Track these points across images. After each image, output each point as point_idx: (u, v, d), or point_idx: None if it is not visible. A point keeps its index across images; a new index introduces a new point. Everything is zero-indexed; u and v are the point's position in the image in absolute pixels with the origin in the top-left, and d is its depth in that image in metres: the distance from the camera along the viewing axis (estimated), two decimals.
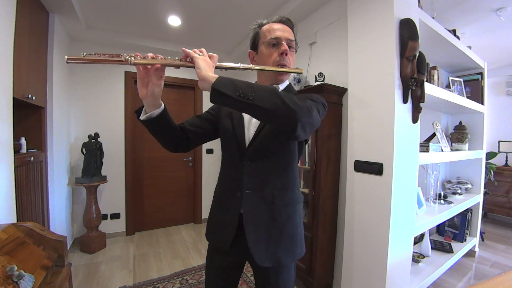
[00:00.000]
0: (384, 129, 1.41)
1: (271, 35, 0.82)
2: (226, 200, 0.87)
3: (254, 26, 0.88)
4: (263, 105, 0.61)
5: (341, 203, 1.81)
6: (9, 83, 1.33)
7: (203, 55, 0.69)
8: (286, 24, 0.85)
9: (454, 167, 2.72)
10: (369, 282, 1.48)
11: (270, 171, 0.83)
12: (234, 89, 0.61)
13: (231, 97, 0.61)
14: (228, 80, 0.63)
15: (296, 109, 0.62)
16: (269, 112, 0.62)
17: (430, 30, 1.68)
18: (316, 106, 0.73)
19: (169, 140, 0.85)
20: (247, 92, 0.61)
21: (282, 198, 0.83)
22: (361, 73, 1.55)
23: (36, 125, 1.89)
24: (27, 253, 1.00)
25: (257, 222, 0.81)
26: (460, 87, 2.30)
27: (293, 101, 0.63)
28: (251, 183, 0.82)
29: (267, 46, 0.83)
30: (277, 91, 0.64)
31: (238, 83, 0.63)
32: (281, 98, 0.62)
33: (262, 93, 0.62)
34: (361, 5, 1.53)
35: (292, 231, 0.84)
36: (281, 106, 0.61)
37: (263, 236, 0.81)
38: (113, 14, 2.32)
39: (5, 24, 1.29)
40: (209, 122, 0.93)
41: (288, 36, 0.83)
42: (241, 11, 2.25)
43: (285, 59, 0.81)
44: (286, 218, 0.84)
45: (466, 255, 2.40)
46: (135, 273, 2.15)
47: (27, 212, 1.60)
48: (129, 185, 3.00)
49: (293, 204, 0.86)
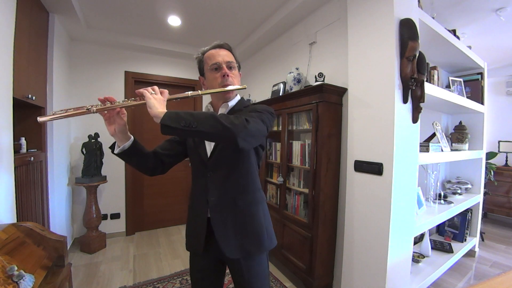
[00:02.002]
0: (384, 129, 1.41)
1: (212, 61, 0.92)
2: (196, 208, 0.97)
3: (197, 55, 0.99)
4: (204, 129, 0.71)
5: (341, 203, 1.81)
6: (9, 83, 1.33)
7: (155, 93, 0.78)
8: (224, 47, 0.95)
9: (454, 167, 2.72)
10: (369, 282, 1.48)
11: (230, 178, 0.92)
12: (179, 121, 0.69)
13: (177, 128, 0.69)
14: (173, 114, 0.71)
15: (231, 127, 0.71)
16: (210, 134, 0.72)
17: (430, 30, 1.68)
18: (260, 117, 0.83)
19: (144, 167, 0.96)
20: (190, 122, 0.70)
21: (244, 200, 0.93)
22: (361, 73, 1.55)
23: (36, 125, 1.89)
24: (27, 253, 1.00)
25: (223, 222, 0.90)
26: (460, 87, 2.30)
27: (229, 121, 0.73)
28: (215, 190, 0.91)
29: (210, 72, 0.93)
30: (215, 115, 0.74)
31: (182, 114, 0.71)
32: (218, 121, 0.72)
33: (202, 120, 0.71)
34: (361, 5, 1.53)
35: (257, 225, 0.93)
36: (219, 127, 0.71)
37: (230, 232, 0.90)
38: (113, 14, 2.32)
39: (5, 24, 1.29)
40: (178, 143, 1.03)
41: (226, 59, 0.92)
42: (241, 11, 2.25)
43: (227, 80, 0.91)
44: (250, 216, 0.93)
45: (466, 255, 2.40)
46: (135, 273, 2.15)
47: (27, 212, 1.60)
48: (129, 185, 3.00)
49: (255, 204, 0.95)
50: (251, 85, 3.22)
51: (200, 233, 0.93)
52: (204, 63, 0.96)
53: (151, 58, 3.11)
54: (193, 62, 3.64)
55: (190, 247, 1.00)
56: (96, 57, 2.81)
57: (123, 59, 2.95)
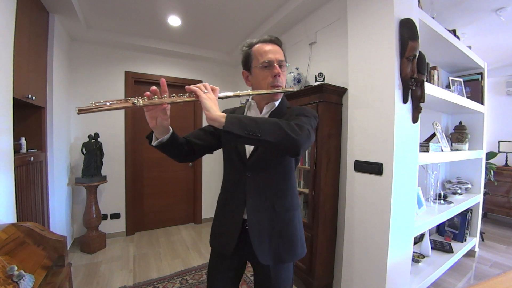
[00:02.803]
0: (384, 129, 1.41)
1: (263, 58, 0.86)
2: (229, 208, 0.93)
3: (244, 47, 0.92)
4: (270, 139, 0.68)
5: (341, 203, 1.81)
6: (9, 83, 1.33)
7: (208, 92, 0.74)
8: (276, 43, 0.89)
9: (454, 167, 2.72)
10: (369, 282, 1.48)
11: (269, 180, 0.89)
12: (243, 128, 0.67)
13: (241, 136, 0.67)
14: (235, 119, 0.69)
15: (298, 139, 0.70)
16: (275, 144, 0.70)
17: (430, 30, 1.68)
18: (309, 122, 0.81)
19: (177, 156, 0.92)
20: (254, 129, 0.68)
21: (282, 204, 0.89)
22: (361, 73, 1.55)
23: (36, 125, 1.89)
24: (27, 253, 1.00)
25: (259, 226, 0.87)
26: (460, 87, 2.30)
27: (294, 130, 0.71)
28: (253, 192, 0.88)
29: (260, 69, 0.87)
30: (279, 123, 0.71)
31: (244, 120, 0.69)
32: (284, 131, 0.70)
33: (267, 128, 0.69)
34: (361, 5, 1.53)
35: (292, 233, 0.90)
36: (285, 137, 0.69)
37: (265, 238, 0.87)
38: (113, 14, 2.32)
39: (5, 24, 1.29)
40: (212, 135, 0.98)
41: (279, 58, 0.87)
42: (241, 11, 2.25)
43: (278, 80, 0.86)
44: (286, 222, 0.90)
45: (466, 255, 2.40)
46: (135, 273, 2.15)
47: (27, 212, 1.60)
48: (129, 185, 3.00)
49: (292, 210, 0.92)
50: None
51: (232, 233, 0.89)
52: (252, 58, 0.89)
53: (151, 58, 3.10)
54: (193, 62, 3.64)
55: (216, 245, 0.96)
56: (96, 57, 2.81)
57: (123, 59, 2.95)
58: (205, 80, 3.44)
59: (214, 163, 3.56)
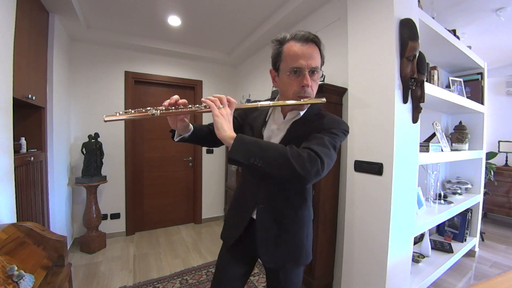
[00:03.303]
0: (384, 129, 1.41)
1: (293, 63, 0.75)
2: (241, 206, 0.95)
3: (275, 43, 0.81)
4: (272, 172, 0.65)
5: (341, 203, 1.81)
6: (9, 83, 1.33)
7: (223, 106, 0.72)
8: (313, 43, 0.76)
9: (454, 167, 2.72)
10: (369, 282, 1.48)
11: (283, 191, 0.86)
12: (248, 156, 0.65)
13: (244, 164, 0.66)
14: (242, 146, 0.66)
15: (305, 175, 0.64)
16: (279, 178, 0.67)
17: (430, 30, 1.68)
18: (333, 143, 0.73)
19: (201, 144, 0.97)
20: (259, 160, 0.64)
21: (291, 216, 0.87)
22: (361, 73, 1.55)
23: (36, 125, 1.89)
24: (27, 253, 1.00)
25: (266, 230, 0.87)
26: (460, 87, 2.30)
27: (303, 165, 0.64)
28: (266, 198, 0.87)
29: (288, 75, 0.77)
30: (288, 155, 0.65)
31: (252, 148, 0.66)
32: (290, 164, 0.64)
33: (272, 160, 0.65)
34: (361, 5, 1.53)
35: (298, 245, 0.88)
36: (289, 172, 0.65)
37: (270, 242, 0.86)
38: (113, 14, 2.32)
39: (5, 24, 1.29)
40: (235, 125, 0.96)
41: (312, 64, 0.74)
42: (241, 11, 2.25)
43: (306, 91, 0.76)
44: (293, 234, 0.87)
45: (466, 255, 2.40)
46: (135, 273, 2.15)
47: (27, 212, 1.60)
48: (129, 185, 3.00)
49: (301, 223, 0.88)
50: (251, 85, 3.22)
51: (237, 228, 0.91)
52: (281, 58, 0.78)
53: (151, 58, 3.11)
54: (193, 62, 3.62)
55: (224, 236, 0.98)
56: (96, 57, 2.81)
57: (123, 59, 2.95)
58: (205, 80, 3.44)
59: (214, 163, 3.56)
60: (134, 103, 3.01)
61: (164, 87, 3.23)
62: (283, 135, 0.84)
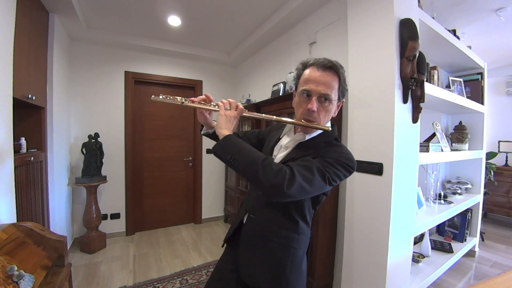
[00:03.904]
0: (384, 129, 1.41)
1: (305, 85, 0.78)
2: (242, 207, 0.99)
3: (300, 65, 0.85)
4: (241, 172, 0.70)
5: (341, 203, 1.81)
6: (9, 83, 1.33)
7: (230, 109, 0.80)
8: (330, 71, 0.78)
9: (454, 167, 2.72)
10: (369, 282, 1.48)
11: (277, 207, 0.83)
12: (226, 153, 0.70)
13: (222, 158, 0.72)
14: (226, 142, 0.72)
15: (264, 182, 0.65)
16: (246, 179, 0.72)
17: (430, 30, 1.68)
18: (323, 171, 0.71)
19: None
20: (233, 158, 0.69)
21: (278, 236, 0.82)
22: (361, 73, 1.55)
23: (36, 125, 1.89)
24: (27, 253, 1.00)
25: (251, 243, 0.86)
26: (460, 87, 2.30)
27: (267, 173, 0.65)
28: (258, 210, 0.88)
29: (300, 95, 0.80)
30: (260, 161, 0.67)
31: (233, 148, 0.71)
32: (256, 169, 0.66)
33: (244, 161, 0.69)
34: (361, 5, 1.53)
35: (278, 268, 0.81)
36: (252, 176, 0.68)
37: (250, 255, 0.86)
38: (113, 14, 2.32)
39: (5, 24, 1.29)
40: (256, 138, 1.07)
41: (321, 91, 0.75)
42: (241, 11, 2.25)
43: (311, 115, 0.77)
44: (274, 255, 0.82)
45: (466, 255, 2.40)
46: (135, 273, 2.15)
47: (27, 212, 1.60)
48: (129, 185, 3.00)
49: (286, 247, 0.82)
50: (251, 85, 3.22)
51: (231, 227, 0.97)
52: (300, 80, 0.83)
53: (151, 58, 3.10)
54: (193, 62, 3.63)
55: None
56: (96, 57, 2.81)
57: (123, 59, 2.95)
58: (205, 80, 3.44)
59: (214, 163, 3.55)
60: (135, 102, 3.01)
61: (164, 87, 3.23)
62: (286, 154, 0.86)
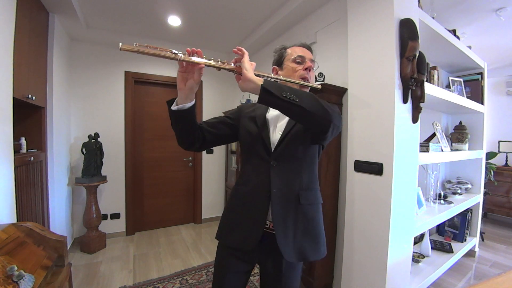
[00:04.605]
0: (384, 129, 1.41)
1: (298, 54, 0.95)
2: (252, 200, 0.89)
3: (279, 48, 1.01)
4: (306, 106, 0.70)
5: (341, 203, 1.81)
6: (9, 83, 1.33)
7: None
8: (308, 48, 0.99)
9: (454, 167, 2.72)
10: (369, 282, 1.48)
11: (295, 171, 0.88)
12: (280, 91, 0.69)
13: (279, 97, 0.69)
14: (273, 83, 0.71)
15: (331, 113, 0.74)
16: (310, 113, 0.71)
17: (430, 30, 1.68)
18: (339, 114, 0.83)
19: (187, 136, 0.87)
20: (291, 94, 0.69)
21: (307, 197, 0.88)
22: (361, 73, 1.55)
23: (36, 125, 1.89)
24: (27, 253, 1.00)
25: (284, 220, 0.85)
26: (460, 87, 2.30)
27: (328, 106, 0.75)
28: (278, 182, 0.86)
29: (292, 62, 0.94)
30: (314, 95, 0.76)
31: (282, 86, 0.72)
32: (320, 102, 0.73)
33: (304, 97, 0.72)
34: (361, 5, 1.53)
35: (316, 229, 0.90)
36: (320, 108, 0.72)
37: (290, 233, 0.85)
38: (113, 14, 2.32)
39: (5, 24, 1.29)
40: (227, 125, 0.97)
41: (310, 57, 0.96)
42: (241, 11, 2.25)
43: (308, 74, 0.93)
44: (311, 217, 0.89)
45: (466, 255, 2.40)
46: (135, 273, 2.15)
47: (27, 212, 1.60)
48: (129, 185, 2.99)
49: (316, 204, 0.92)
50: None
51: (256, 227, 0.85)
52: (285, 55, 0.97)
53: (151, 58, 3.09)
54: None
55: (232, 241, 0.90)
56: (96, 57, 2.81)
57: (123, 59, 2.95)
58: (205, 80, 3.45)
59: (214, 163, 3.56)
60: (135, 103, 3.01)
61: (164, 87, 3.23)
62: (287, 120, 0.91)
